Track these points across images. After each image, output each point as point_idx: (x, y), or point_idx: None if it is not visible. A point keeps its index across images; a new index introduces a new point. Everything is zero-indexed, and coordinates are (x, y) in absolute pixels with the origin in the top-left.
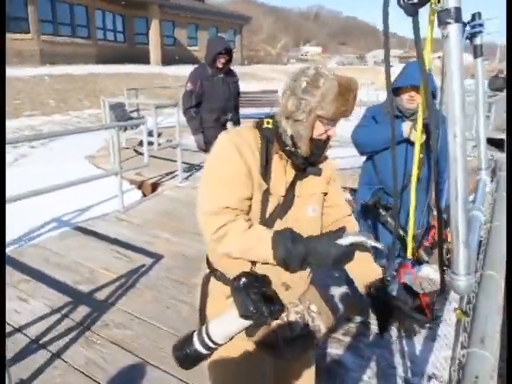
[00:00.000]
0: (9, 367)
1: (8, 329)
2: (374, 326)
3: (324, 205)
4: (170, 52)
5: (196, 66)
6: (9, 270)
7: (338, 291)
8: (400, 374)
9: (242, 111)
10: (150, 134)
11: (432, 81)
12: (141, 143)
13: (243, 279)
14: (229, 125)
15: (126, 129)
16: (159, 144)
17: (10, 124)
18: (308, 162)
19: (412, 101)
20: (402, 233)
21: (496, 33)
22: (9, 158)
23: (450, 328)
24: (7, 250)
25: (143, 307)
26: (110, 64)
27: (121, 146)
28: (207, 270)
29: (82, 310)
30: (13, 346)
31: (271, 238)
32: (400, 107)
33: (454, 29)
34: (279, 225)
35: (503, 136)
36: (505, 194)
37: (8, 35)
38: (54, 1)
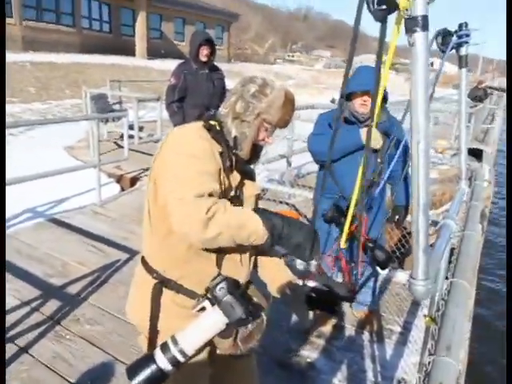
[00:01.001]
0: None
1: None
2: (347, 330)
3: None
4: (156, 45)
5: (181, 61)
6: None
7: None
8: (370, 379)
9: None
10: (132, 127)
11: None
12: (122, 136)
13: (222, 284)
14: None
15: (107, 121)
16: (140, 138)
17: None
18: (246, 166)
19: (365, 106)
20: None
21: (482, 44)
22: None
23: (421, 334)
24: None
25: (115, 303)
26: (94, 54)
27: (101, 139)
28: (154, 281)
29: (53, 304)
30: None
31: (264, 221)
32: (353, 112)
33: (420, 37)
34: None
35: (482, 146)
36: (477, 203)
37: None
38: None
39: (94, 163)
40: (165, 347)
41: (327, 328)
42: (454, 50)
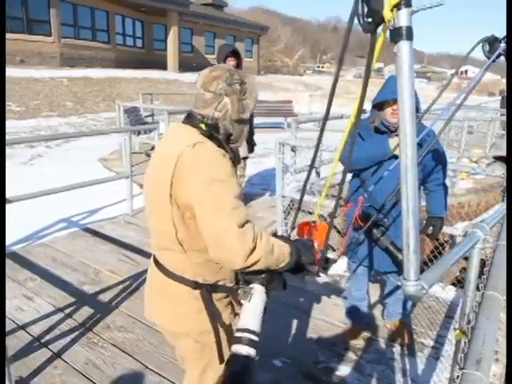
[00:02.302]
0: (10, 364)
1: (12, 326)
2: (378, 343)
3: None
4: (187, 59)
5: None
6: (16, 267)
7: None
8: None
9: (258, 120)
10: None
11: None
12: (153, 148)
13: (263, 275)
14: None
15: (139, 133)
16: None
17: (28, 123)
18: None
19: (395, 115)
20: (393, 250)
21: None
22: (24, 157)
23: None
24: (16, 247)
25: None
26: (128, 69)
27: (134, 150)
28: (197, 290)
29: (86, 311)
30: (15, 343)
31: (289, 245)
32: (384, 122)
33: (404, 46)
34: None
35: None
36: None
37: (30, 37)
38: (76, 5)
39: (126, 174)
40: (238, 339)
41: (357, 340)
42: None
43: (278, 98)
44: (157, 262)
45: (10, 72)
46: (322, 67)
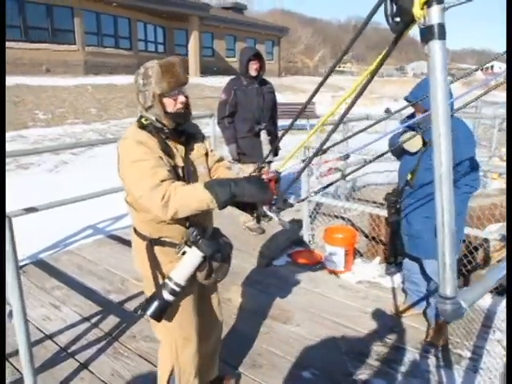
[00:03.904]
0: (37, 375)
1: (39, 336)
2: (410, 353)
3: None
4: (208, 63)
5: (232, 76)
6: (44, 275)
7: None
8: None
9: (281, 122)
10: None
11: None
12: None
13: (195, 232)
14: (263, 135)
15: None
16: None
17: (53, 131)
18: (186, 134)
19: (419, 114)
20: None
21: None
22: (49, 164)
23: (495, 360)
24: (43, 255)
25: None
26: None
27: None
28: (145, 242)
29: (112, 320)
30: (43, 353)
31: (203, 184)
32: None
33: (437, 46)
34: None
35: None
36: None
37: (55, 46)
38: (98, 13)
39: None
40: (164, 284)
41: (387, 350)
42: None
43: (299, 99)
44: None
45: (38, 81)
46: (344, 67)
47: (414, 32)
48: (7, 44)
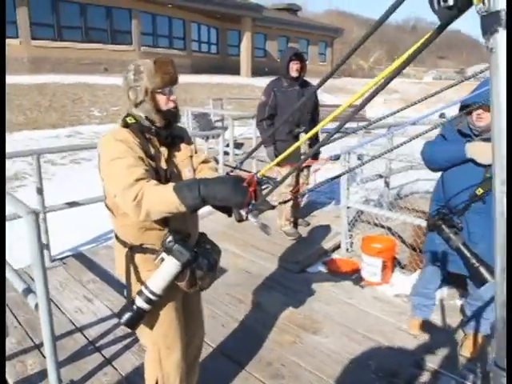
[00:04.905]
0: (62, 367)
1: (71, 327)
2: (448, 379)
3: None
4: (260, 64)
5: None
6: (82, 268)
7: None
8: None
9: (330, 125)
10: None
11: None
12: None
13: (170, 238)
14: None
15: (207, 138)
16: (236, 155)
17: (106, 128)
18: (171, 135)
19: (480, 119)
20: (465, 250)
21: None
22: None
23: None
24: (83, 248)
25: None
26: (202, 74)
27: None
28: (126, 249)
29: None
30: (71, 345)
31: (173, 186)
32: (470, 125)
33: (503, 38)
34: None
35: None
36: None
37: (113, 47)
38: (155, 15)
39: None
40: (140, 292)
41: (422, 373)
42: None
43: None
44: None
45: (96, 80)
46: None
47: (477, 33)
48: (69, 44)
